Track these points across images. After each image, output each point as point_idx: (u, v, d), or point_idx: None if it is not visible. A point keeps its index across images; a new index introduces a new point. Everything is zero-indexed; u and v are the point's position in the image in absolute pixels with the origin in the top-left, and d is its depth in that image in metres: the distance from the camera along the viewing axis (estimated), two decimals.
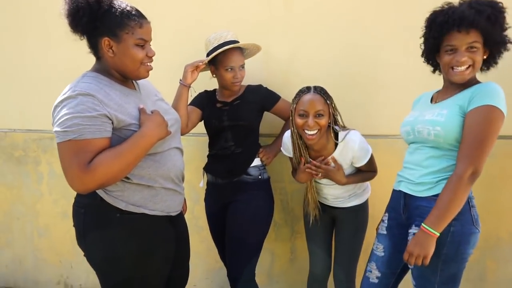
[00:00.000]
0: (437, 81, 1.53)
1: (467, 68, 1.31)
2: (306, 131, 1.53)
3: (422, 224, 1.28)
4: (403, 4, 1.87)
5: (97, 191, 1.25)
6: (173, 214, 1.41)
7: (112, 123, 1.19)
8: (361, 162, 1.64)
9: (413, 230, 1.36)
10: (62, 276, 2.53)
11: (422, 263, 1.28)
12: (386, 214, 1.54)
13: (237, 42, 1.78)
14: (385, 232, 1.52)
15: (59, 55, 2.28)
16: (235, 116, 1.81)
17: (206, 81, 1.92)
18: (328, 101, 1.57)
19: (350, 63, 1.94)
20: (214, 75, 1.83)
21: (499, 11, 1.29)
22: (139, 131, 1.22)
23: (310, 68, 2.03)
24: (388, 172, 1.92)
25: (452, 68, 1.33)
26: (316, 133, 1.53)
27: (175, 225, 1.45)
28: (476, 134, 1.24)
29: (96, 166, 1.12)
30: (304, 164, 1.63)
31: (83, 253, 1.33)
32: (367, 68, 1.98)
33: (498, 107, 1.24)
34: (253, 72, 2.05)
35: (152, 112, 1.31)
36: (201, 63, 1.72)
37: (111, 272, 1.30)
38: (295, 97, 1.60)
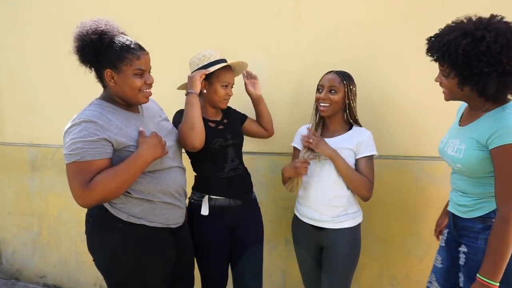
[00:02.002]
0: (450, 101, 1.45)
1: (444, 89, 1.36)
2: (320, 103, 1.72)
3: (478, 275, 1.24)
4: (415, 23, 1.84)
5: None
6: (173, 226, 1.53)
7: (112, 145, 1.34)
8: (364, 151, 1.71)
9: (462, 248, 1.39)
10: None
11: None
12: (447, 229, 1.56)
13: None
14: (444, 245, 1.53)
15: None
16: (236, 134, 1.85)
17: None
18: (345, 82, 1.71)
19: (362, 82, 1.92)
20: (204, 91, 1.79)
21: (462, 46, 1.20)
22: (135, 152, 1.35)
23: None
24: (401, 194, 1.87)
25: None
26: (328, 106, 1.70)
27: (177, 237, 1.56)
28: (509, 174, 1.21)
29: (95, 185, 1.27)
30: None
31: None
32: (378, 87, 1.96)
33: None
34: (265, 92, 2.12)
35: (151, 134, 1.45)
36: (207, 71, 1.72)
37: (112, 275, 1.44)
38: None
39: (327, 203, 1.68)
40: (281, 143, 2.13)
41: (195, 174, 1.88)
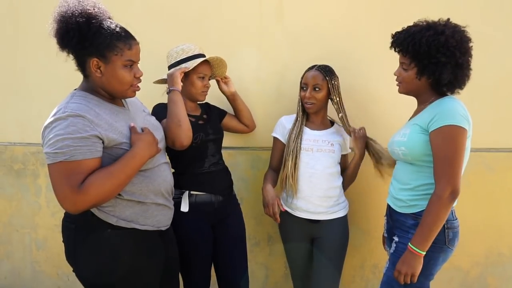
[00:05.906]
0: None
1: (400, 82, 1.50)
2: (306, 102, 1.76)
3: (409, 244, 1.36)
4: (396, 17, 1.88)
5: None
6: (163, 228, 1.43)
7: (103, 142, 1.20)
8: (348, 148, 1.87)
9: (395, 238, 1.49)
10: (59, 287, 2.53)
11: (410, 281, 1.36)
12: (385, 218, 1.65)
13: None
14: (386, 235, 1.64)
15: (60, 67, 2.30)
16: (216, 129, 1.83)
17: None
18: (327, 78, 1.73)
19: (343, 76, 1.94)
20: (181, 83, 1.71)
21: (425, 37, 1.34)
22: (131, 151, 1.23)
23: None
24: (382, 185, 1.91)
25: None
26: (314, 104, 1.75)
27: (165, 239, 1.47)
28: (445, 154, 1.31)
29: (88, 188, 1.13)
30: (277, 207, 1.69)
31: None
32: (359, 81, 1.99)
33: (458, 125, 1.31)
34: (246, 86, 2.06)
35: (142, 130, 1.33)
36: (186, 69, 1.68)
37: (100, 286, 1.30)
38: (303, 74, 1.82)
39: (322, 195, 1.70)
40: (262, 138, 2.09)
41: (173, 170, 1.78)
